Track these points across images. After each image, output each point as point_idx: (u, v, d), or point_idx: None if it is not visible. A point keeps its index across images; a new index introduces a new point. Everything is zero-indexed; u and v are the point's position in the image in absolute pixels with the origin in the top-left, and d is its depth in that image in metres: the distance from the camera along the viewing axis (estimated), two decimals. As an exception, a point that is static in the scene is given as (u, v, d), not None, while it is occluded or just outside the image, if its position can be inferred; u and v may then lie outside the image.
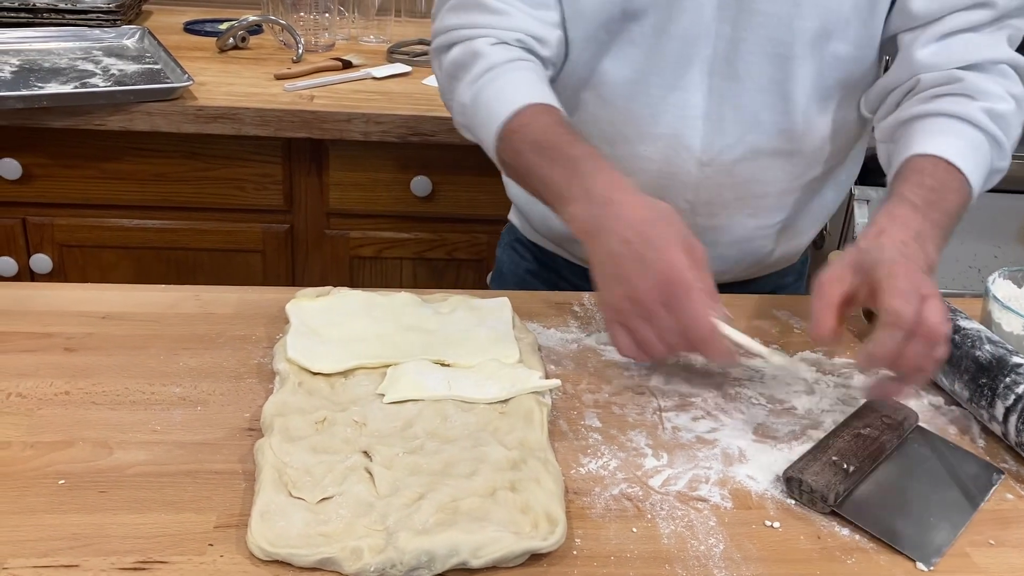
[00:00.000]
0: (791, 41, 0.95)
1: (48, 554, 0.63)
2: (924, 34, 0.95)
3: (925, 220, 0.83)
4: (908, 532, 0.71)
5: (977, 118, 0.92)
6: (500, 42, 0.98)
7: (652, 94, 1.00)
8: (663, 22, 0.96)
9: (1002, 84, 0.95)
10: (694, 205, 1.05)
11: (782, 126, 1.01)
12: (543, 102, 0.93)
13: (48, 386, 0.81)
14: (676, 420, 0.83)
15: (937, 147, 0.90)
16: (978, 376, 0.84)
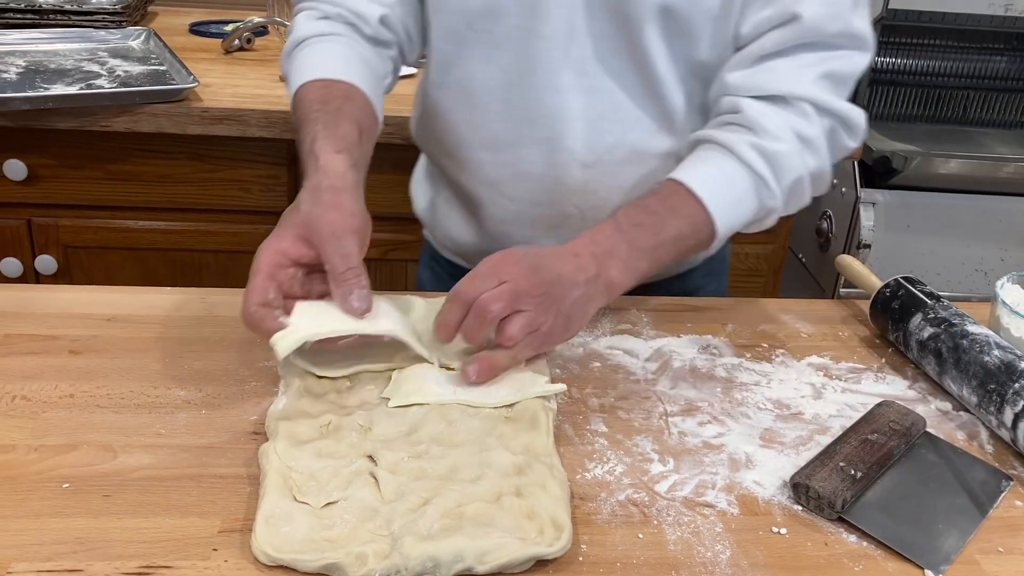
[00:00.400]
0: (650, 44, 0.93)
1: (52, 558, 0.63)
2: (742, 55, 0.94)
3: (623, 241, 0.86)
4: (916, 539, 0.70)
5: (741, 151, 0.90)
6: (323, 16, 0.99)
7: (528, 97, 0.98)
8: (529, 23, 0.94)
9: (788, 120, 0.91)
10: (582, 210, 1.04)
11: (663, 125, 1.00)
12: (323, 77, 0.93)
13: (52, 389, 0.81)
14: (682, 425, 0.83)
15: (684, 172, 0.91)
16: (987, 382, 0.84)
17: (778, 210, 0.94)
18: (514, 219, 1.06)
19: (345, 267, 0.79)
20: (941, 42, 2.12)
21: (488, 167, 1.04)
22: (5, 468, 0.71)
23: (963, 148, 2.06)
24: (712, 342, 0.96)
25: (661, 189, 0.91)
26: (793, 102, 0.92)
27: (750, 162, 0.90)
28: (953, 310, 0.93)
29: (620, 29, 0.94)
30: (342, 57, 0.96)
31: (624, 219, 0.88)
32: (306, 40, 0.97)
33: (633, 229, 0.87)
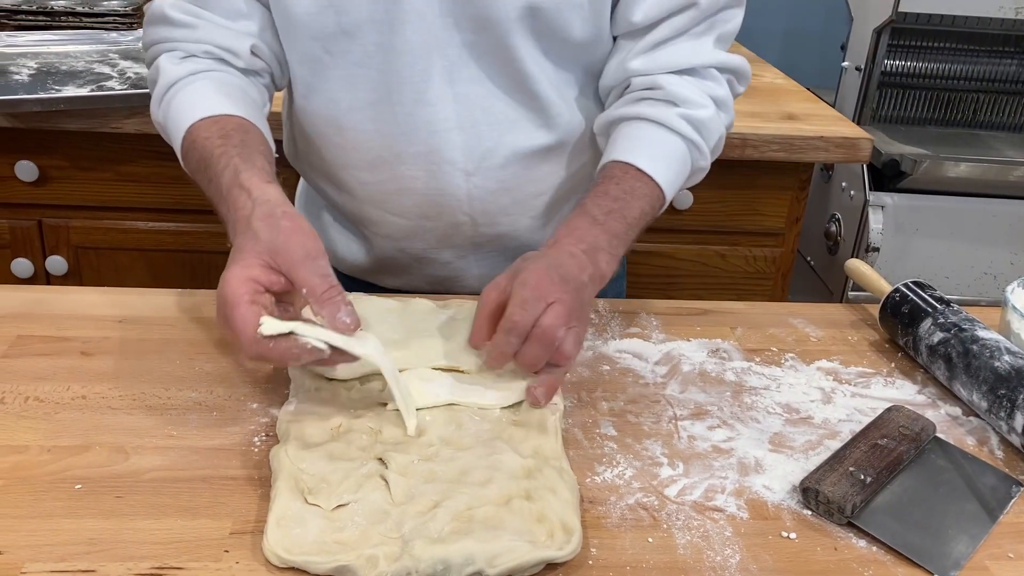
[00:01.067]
0: (518, 42, 0.94)
1: (65, 559, 0.63)
2: (639, 43, 0.97)
3: (602, 232, 0.88)
4: (926, 544, 0.70)
5: (675, 124, 0.95)
6: (188, 56, 0.96)
7: (398, 113, 0.97)
8: (385, 39, 0.93)
9: (703, 88, 0.98)
10: (472, 217, 1.04)
11: (538, 122, 1.00)
12: (212, 114, 0.90)
13: (65, 390, 0.81)
14: (692, 429, 0.83)
15: (630, 153, 0.94)
16: (997, 387, 0.84)
17: (706, 168, 1.01)
18: (404, 235, 1.06)
19: (327, 286, 0.75)
20: (951, 45, 2.12)
21: (370, 187, 1.03)
22: (19, 469, 0.72)
23: (972, 151, 2.06)
24: (721, 346, 0.96)
25: (613, 173, 0.93)
26: (701, 71, 0.98)
27: (684, 132, 0.95)
28: (963, 315, 0.93)
29: (483, 33, 0.94)
30: (223, 93, 0.93)
31: (595, 209, 0.89)
32: (179, 82, 0.94)
33: (606, 219, 0.89)
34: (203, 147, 0.88)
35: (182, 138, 0.91)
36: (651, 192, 0.93)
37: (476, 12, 0.92)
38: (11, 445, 0.74)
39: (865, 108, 2.15)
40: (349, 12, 0.93)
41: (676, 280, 1.81)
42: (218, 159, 0.85)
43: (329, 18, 0.93)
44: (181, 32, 0.96)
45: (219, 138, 0.88)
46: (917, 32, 2.08)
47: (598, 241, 0.87)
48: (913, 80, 2.15)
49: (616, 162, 0.94)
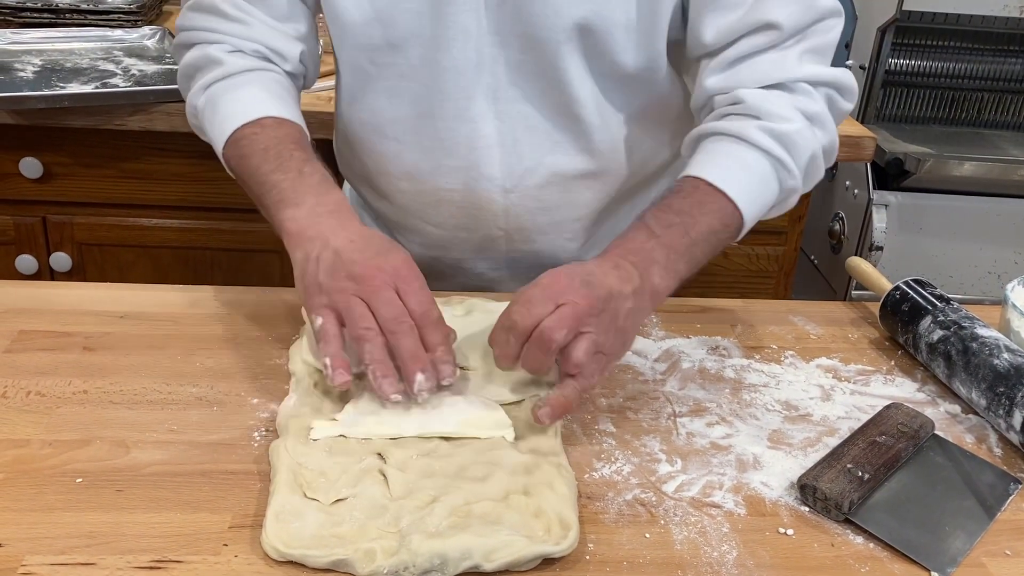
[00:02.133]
0: (566, 64, 0.93)
1: (65, 551, 0.64)
2: (714, 61, 0.92)
3: (658, 245, 0.82)
4: (923, 541, 0.70)
5: (754, 137, 0.88)
6: (237, 50, 0.96)
7: (439, 128, 0.97)
8: (431, 54, 0.93)
9: (792, 102, 0.90)
10: (508, 232, 1.04)
11: (580, 147, 0.99)
12: (279, 116, 0.92)
13: (66, 385, 0.82)
14: (690, 426, 0.83)
15: (701, 168, 0.88)
16: (996, 385, 0.84)
17: (799, 189, 0.92)
18: (440, 244, 1.06)
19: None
20: (955, 44, 2.11)
21: (408, 196, 1.03)
22: (20, 462, 0.72)
23: (977, 150, 2.05)
24: (721, 343, 0.96)
25: (682, 187, 0.87)
26: (790, 85, 0.91)
27: (765, 146, 0.88)
28: (963, 313, 0.93)
29: (531, 53, 0.93)
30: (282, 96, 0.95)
31: (653, 222, 0.84)
32: (243, 73, 0.94)
33: (665, 231, 0.83)
34: (276, 139, 0.89)
35: (244, 123, 0.90)
36: (722, 208, 0.86)
37: (524, 31, 0.92)
38: (12, 439, 0.75)
39: (869, 107, 2.14)
40: (396, 26, 0.93)
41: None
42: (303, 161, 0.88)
43: (376, 31, 0.94)
44: (232, 27, 0.96)
45: (293, 140, 0.90)
46: (921, 31, 2.08)
47: (653, 254, 0.82)
48: (917, 79, 2.14)
49: (686, 177, 0.88)
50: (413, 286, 0.78)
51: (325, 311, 0.78)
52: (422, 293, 0.78)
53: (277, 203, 0.86)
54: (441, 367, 0.77)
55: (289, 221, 0.84)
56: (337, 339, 0.77)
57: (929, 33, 2.09)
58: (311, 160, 0.89)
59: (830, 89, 0.92)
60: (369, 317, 0.76)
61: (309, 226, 0.83)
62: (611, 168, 1.02)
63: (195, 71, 0.97)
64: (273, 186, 0.87)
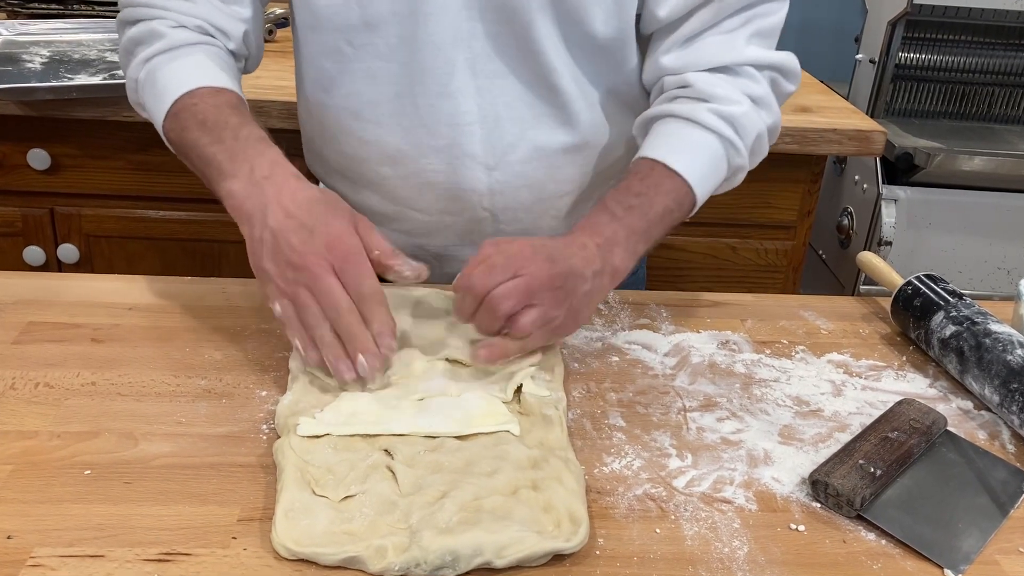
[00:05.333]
0: (541, 34, 0.93)
1: (74, 544, 0.63)
2: (669, 38, 0.96)
3: (620, 227, 0.87)
4: (936, 538, 0.70)
5: (704, 119, 0.93)
6: (179, 26, 0.95)
7: (420, 106, 0.97)
8: (409, 32, 0.93)
9: (738, 85, 0.95)
10: (493, 213, 1.04)
11: (560, 119, 0.99)
12: (217, 85, 0.91)
13: (75, 376, 0.82)
14: (701, 420, 0.82)
15: (656, 150, 0.92)
16: (1009, 380, 0.83)
17: (745, 167, 0.98)
18: (425, 231, 1.06)
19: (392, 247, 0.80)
20: (966, 38, 2.11)
21: (390, 181, 1.03)
22: (29, 454, 0.72)
23: (987, 145, 2.04)
24: (731, 338, 0.96)
25: (638, 169, 0.92)
26: (736, 68, 0.96)
27: (715, 128, 0.93)
28: (976, 308, 0.92)
29: (508, 24, 0.93)
30: (225, 70, 0.94)
31: (614, 205, 0.88)
32: (177, 47, 0.94)
33: (626, 214, 0.88)
34: (214, 109, 0.88)
35: (182, 93, 0.89)
36: (677, 188, 0.91)
37: (498, 2, 0.92)
38: (21, 431, 0.74)
39: (879, 101, 2.13)
40: (372, 5, 0.93)
41: (687, 272, 1.80)
42: (239, 126, 0.87)
43: (353, 11, 0.93)
44: (176, 3, 0.95)
45: (230, 107, 0.89)
46: (932, 24, 2.07)
47: (615, 236, 0.86)
48: (927, 73, 2.13)
49: (642, 158, 0.93)
50: (350, 262, 0.77)
51: (279, 297, 0.79)
52: (357, 270, 0.77)
53: (216, 177, 0.85)
54: (380, 340, 0.77)
55: (227, 198, 0.84)
56: (297, 321, 0.79)
57: (939, 27, 2.08)
58: (246, 123, 0.88)
59: (774, 72, 0.98)
60: (314, 305, 0.77)
61: (246, 199, 0.82)
62: (593, 141, 1.03)
63: (135, 45, 0.96)
64: (211, 159, 0.86)
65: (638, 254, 0.89)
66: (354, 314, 0.77)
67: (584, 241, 0.85)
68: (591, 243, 0.85)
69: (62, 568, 0.61)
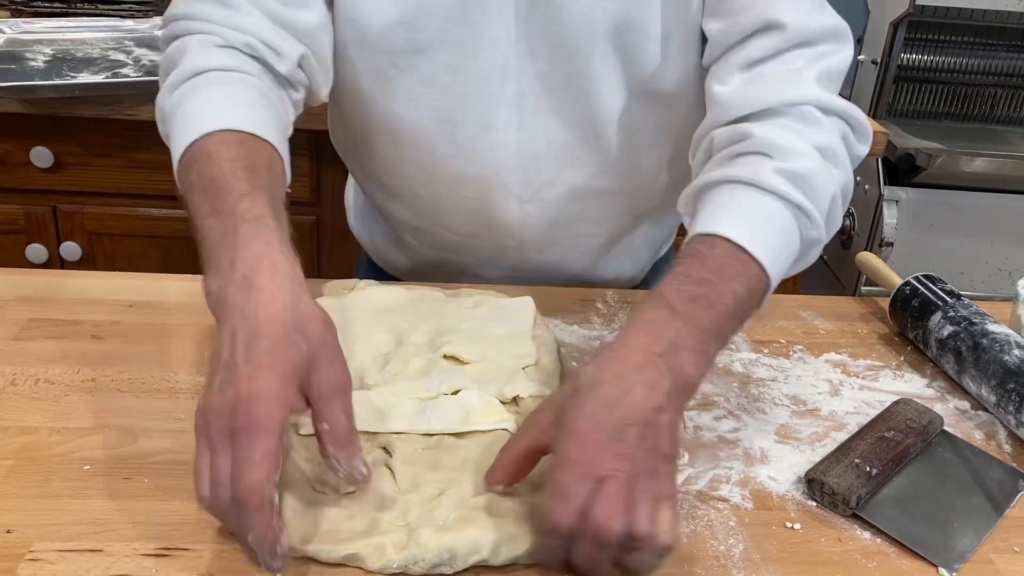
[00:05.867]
0: (598, 75, 0.89)
1: (73, 538, 0.64)
2: (724, 65, 0.85)
3: (684, 325, 0.68)
4: (931, 537, 0.70)
5: (771, 183, 0.76)
6: (225, 45, 0.83)
7: (459, 135, 0.94)
8: (457, 61, 0.90)
9: (802, 134, 0.79)
10: (521, 243, 1.03)
11: (601, 166, 0.96)
12: (238, 129, 0.76)
13: (75, 373, 0.82)
14: (698, 419, 0.83)
15: (717, 223, 0.74)
16: (1006, 381, 0.83)
17: (821, 240, 0.80)
18: (452, 248, 1.05)
19: (350, 429, 0.65)
20: (968, 39, 2.10)
21: (422, 200, 1.01)
22: (28, 449, 0.72)
23: (989, 146, 2.04)
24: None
25: (699, 250, 0.73)
26: (798, 109, 0.81)
27: (783, 192, 0.76)
28: (973, 309, 0.92)
29: (561, 63, 0.90)
30: (258, 105, 0.81)
31: (675, 297, 0.69)
32: (207, 72, 0.81)
33: (689, 308, 0.69)
34: (221, 167, 0.74)
35: (194, 139, 0.76)
36: (747, 271, 0.72)
37: (554, 40, 0.89)
38: (21, 426, 0.75)
39: (881, 102, 2.13)
40: (422, 31, 0.89)
41: (687, 273, 1.80)
42: (240, 197, 0.71)
43: (399, 35, 0.89)
44: (224, 14, 0.84)
45: (244, 170, 0.74)
46: (934, 26, 2.07)
47: (680, 338, 0.67)
48: (929, 74, 2.13)
49: (700, 236, 0.74)
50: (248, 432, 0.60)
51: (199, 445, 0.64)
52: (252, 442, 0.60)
53: (204, 262, 0.72)
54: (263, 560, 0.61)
55: (206, 295, 0.70)
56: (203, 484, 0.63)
57: (941, 28, 2.08)
58: (253, 191, 0.72)
59: (842, 122, 0.83)
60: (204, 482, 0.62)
61: (215, 308, 0.68)
62: (631, 188, 1.00)
63: (169, 67, 0.84)
64: (203, 238, 0.72)
65: (710, 357, 0.70)
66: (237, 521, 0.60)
67: (640, 359, 0.66)
68: (652, 355, 0.66)
69: (60, 562, 0.62)
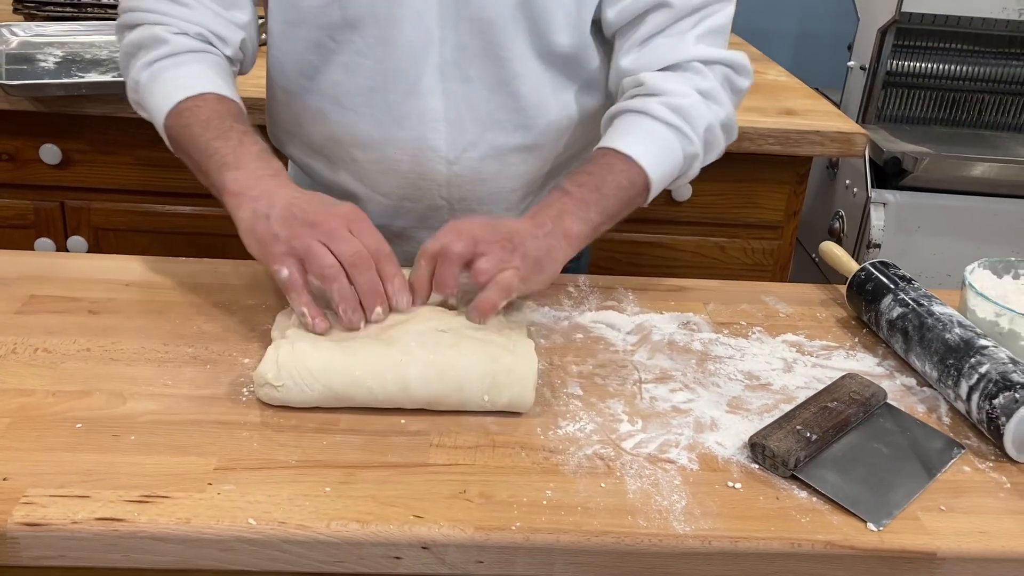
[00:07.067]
0: (510, 44, 1.02)
1: (64, 486, 0.69)
2: (627, 43, 1.05)
3: (570, 200, 0.95)
4: (863, 496, 0.75)
5: (653, 110, 1.01)
6: (181, 32, 1.01)
7: (391, 100, 1.05)
8: (385, 33, 1.01)
9: (688, 80, 1.03)
10: (449, 202, 1.12)
11: (517, 123, 1.08)
12: (221, 93, 0.98)
13: (72, 343, 0.88)
14: (655, 391, 0.88)
15: (610, 140, 1.01)
16: (946, 357, 0.88)
17: (699, 156, 1.05)
18: (387, 213, 1.13)
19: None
20: (955, 46, 2.15)
21: (359, 165, 1.11)
22: (25, 409, 0.78)
23: (975, 150, 2.08)
24: (692, 319, 1.01)
25: (594, 156, 1.00)
26: (685, 66, 1.04)
27: (664, 117, 1.01)
28: (922, 291, 0.97)
29: (479, 35, 1.01)
30: (224, 76, 1.02)
31: (567, 184, 0.97)
32: (185, 54, 1.00)
33: (576, 188, 0.96)
34: (218, 112, 0.96)
35: (185, 96, 0.96)
36: (628, 168, 0.99)
37: (472, 14, 1.00)
38: (19, 388, 0.81)
39: (870, 107, 2.18)
40: (352, 7, 1.00)
41: (676, 271, 1.85)
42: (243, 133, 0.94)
43: (335, 11, 1.01)
44: (177, 9, 1.01)
45: (232, 115, 0.97)
46: (921, 32, 2.11)
47: (565, 206, 0.94)
48: (918, 80, 2.18)
49: (597, 148, 1.02)
50: (365, 225, 0.86)
51: (287, 259, 0.84)
52: (375, 232, 0.86)
53: (219, 167, 0.92)
54: (398, 297, 0.86)
55: (232, 182, 0.90)
56: (305, 288, 0.85)
57: (929, 35, 2.12)
58: (250, 133, 0.95)
59: (724, 68, 1.06)
60: (331, 256, 0.83)
61: (252, 186, 0.89)
62: (544, 143, 1.11)
63: (138, 49, 1.02)
64: (215, 152, 0.93)
65: (592, 222, 0.95)
66: (373, 267, 0.84)
67: (533, 213, 0.94)
68: (540, 215, 0.93)
69: (52, 506, 0.67)
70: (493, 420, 0.82)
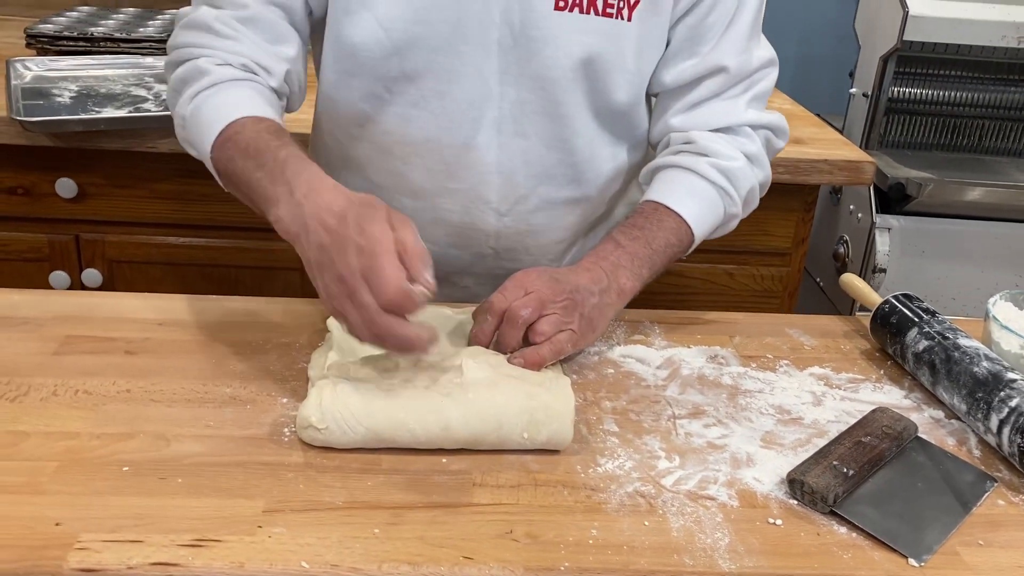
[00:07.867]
0: (570, 100, 1.05)
1: (116, 530, 0.70)
2: (678, 103, 1.10)
3: (624, 254, 1.01)
4: (902, 531, 0.76)
5: (702, 170, 1.06)
6: (224, 63, 1.00)
7: (445, 153, 1.06)
8: (443, 87, 1.03)
9: (735, 144, 1.08)
10: (497, 251, 1.14)
11: (570, 177, 1.11)
12: (258, 114, 0.96)
13: (111, 384, 0.88)
14: (689, 427, 0.89)
15: (660, 194, 1.06)
16: (975, 391, 0.89)
17: (738, 215, 1.11)
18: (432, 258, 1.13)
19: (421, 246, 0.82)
20: (956, 73, 2.17)
21: (407, 212, 1.08)
22: (72, 452, 0.79)
23: (977, 175, 2.11)
24: (720, 352, 1.03)
25: (643, 209, 1.06)
26: (735, 129, 1.10)
27: (712, 178, 1.06)
28: (947, 324, 0.99)
29: (539, 92, 1.04)
30: (267, 103, 0.99)
31: (621, 237, 1.02)
32: (226, 82, 0.99)
33: (630, 243, 1.02)
34: (254, 136, 0.93)
35: (225, 125, 0.95)
36: (677, 226, 1.04)
37: (533, 71, 1.02)
38: (64, 431, 0.81)
39: (872, 133, 2.20)
40: (412, 59, 1.02)
41: (686, 297, 1.87)
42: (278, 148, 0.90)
43: (394, 63, 1.02)
44: (223, 43, 1.01)
45: (269, 132, 0.93)
46: (923, 60, 2.14)
47: (620, 261, 1.00)
48: (919, 106, 2.20)
49: (647, 202, 1.07)
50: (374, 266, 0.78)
51: (339, 316, 0.82)
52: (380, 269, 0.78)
53: (263, 204, 0.90)
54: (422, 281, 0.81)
55: (275, 223, 0.88)
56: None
57: (930, 62, 2.15)
58: (285, 144, 0.91)
59: (767, 131, 1.12)
60: (364, 328, 0.79)
61: (290, 223, 0.85)
62: (593, 195, 1.14)
63: (183, 84, 1.01)
64: (255, 186, 0.90)
65: (643, 278, 1.01)
66: (383, 317, 0.78)
67: (588, 266, 0.98)
68: (595, 266, 0.97)
69: (105, 551, 0.68)
70: (532, 458, 0.82)
